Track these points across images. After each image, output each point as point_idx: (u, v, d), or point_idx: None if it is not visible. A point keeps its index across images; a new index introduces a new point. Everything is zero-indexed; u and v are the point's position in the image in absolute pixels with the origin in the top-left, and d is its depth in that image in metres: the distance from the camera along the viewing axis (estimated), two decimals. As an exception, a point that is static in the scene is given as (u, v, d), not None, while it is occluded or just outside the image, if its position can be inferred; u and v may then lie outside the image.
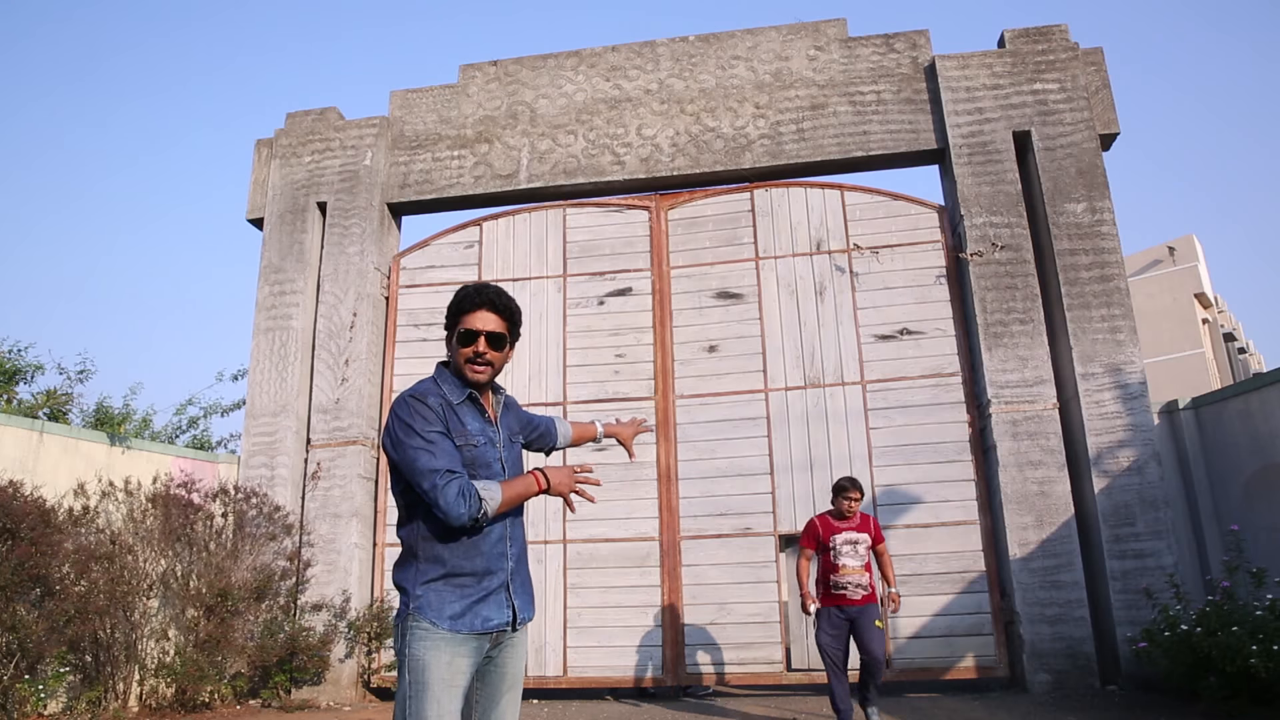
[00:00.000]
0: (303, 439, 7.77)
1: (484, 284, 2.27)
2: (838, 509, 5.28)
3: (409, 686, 2.04)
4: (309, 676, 6.91)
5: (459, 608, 2.08)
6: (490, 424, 2.27)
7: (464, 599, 2.09)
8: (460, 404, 2.21)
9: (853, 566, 5.14)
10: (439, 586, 2.09)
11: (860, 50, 8.11)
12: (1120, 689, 6.16)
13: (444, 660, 2.03)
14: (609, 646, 7.06)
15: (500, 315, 2.23)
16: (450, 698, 2.02)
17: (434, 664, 2.02)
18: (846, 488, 5.26)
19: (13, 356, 8.90)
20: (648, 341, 7.73)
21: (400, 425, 2.11)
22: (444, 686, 2.02)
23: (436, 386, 2.21)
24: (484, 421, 2.25)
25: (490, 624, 2.11)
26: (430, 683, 2.01)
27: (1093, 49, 7.78)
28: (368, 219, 8.21)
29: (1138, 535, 6.40)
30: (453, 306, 2.25)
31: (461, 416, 2.19)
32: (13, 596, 5.36)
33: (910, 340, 7.36)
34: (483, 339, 2.20)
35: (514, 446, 2.35)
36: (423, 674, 2.02)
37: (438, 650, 2.03)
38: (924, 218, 7.67)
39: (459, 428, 2.16)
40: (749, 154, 7.96)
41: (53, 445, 6.50)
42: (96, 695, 6.04)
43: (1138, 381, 6.70)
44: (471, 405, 2.24)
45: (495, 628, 2.12)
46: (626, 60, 8.47)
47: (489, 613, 2.11)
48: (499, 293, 2.25)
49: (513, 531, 2.22)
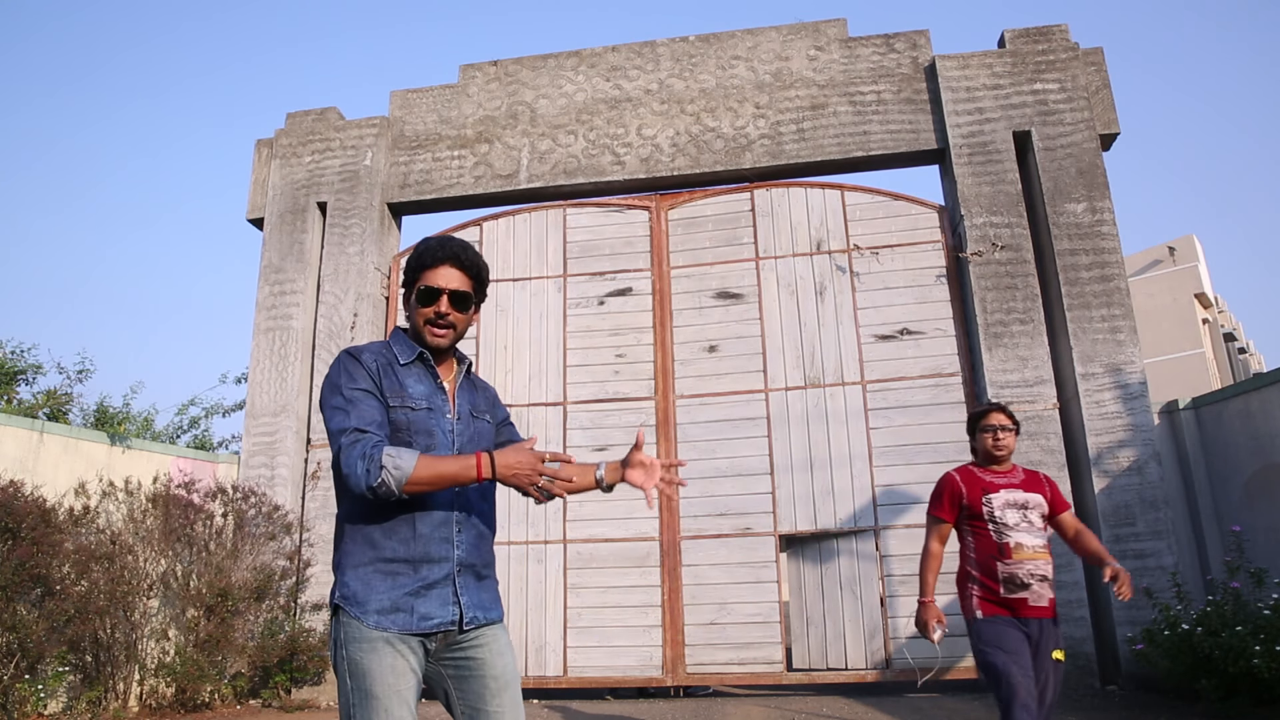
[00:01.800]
0: (303, 439, 7.77)
1: (448, 237, 2.02)
2: (984, 450, 3.37)
3: (351, 694, 1.78)
4: (309, 676, 6.91)
5: (387, 601, 1.80)
6: (440, 391, 1.98)
7: (395, 590, 1.81)
8: (408, 364, 1.97)
9: (1033, 547, 3.15)
10: (367, 573, 1.82)
11: (860, 50, 8.11)
12: (1120, 689, 6.16)
13: (386, 664, 1.77)
14: (609, 646, 7.06)
15: (465, 272, 1.99)
16: (399, 705, 1.76)
17: (375, 668, 1.76)
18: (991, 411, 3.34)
19: (14, 357, 8.90)
20: (648, 341, 7.73)
21: (327, 384, 1.90)
22: (390, 693, 1.75)
23: (385, 347, 1.99)
24: (434, 386, 1.98)
25: (428, 623, 1.82)
26: (372, 690, 1.75)
27: (1093, 49, 7.78)
28: (368, 219, 8.21)
29: (1138, 535, 6.40)
30: (412, 261, 2.00)
31: (403, 378, 1.94)
32: (13, 596, 5.37)
33: (910, 340, 7.36)
34: (445, 298, 1.96)
35: (476, 423, 2.03)
36: (363, 680, 1.76)
37: (378, 653, 1.77)
38: (924, 218, 7.67)
39: (395, 388, 1.90)
40: (749, 154, 7.96)
41: (53, 445, 6.50)
42: (96, 695, 6.04)
43: (1138, 381, 6.70)
44: (422, 366, 1.99)
45: (435, 628, 1.83)
46: (627, 60, 8.47)
47: (428, 609, 1.82)
48: (464, 246, 2.00)
49: (463, 514, 1.91)
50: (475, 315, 2.06)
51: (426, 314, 1.97)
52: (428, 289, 1.96)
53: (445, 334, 1.98)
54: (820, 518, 7.07)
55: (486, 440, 2.05)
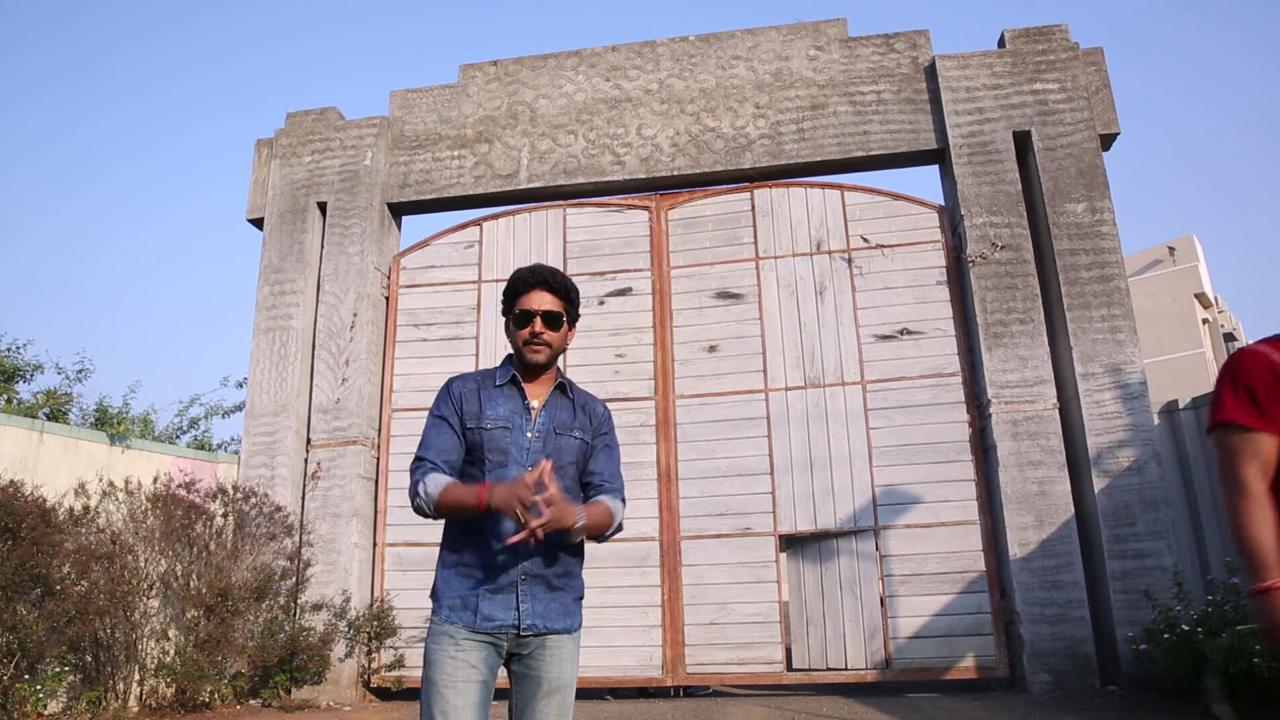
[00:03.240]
0: (303, 439, 7.77)
1: (539, 265, 2.23)
2: None
3: (423, 681, 2.02)
4: (309, 676, 6.91)
5: (458, 599, 2.03)
6: (526, 410, 2.16)
7: (468, 590, 2.04)
8: (501, 386, 2.17)
9: None
10: (449, 574, 2.08)
11: (860, 50, 8.11)
12: (1120, 689, 6.16)
13: (448, 655, 1.98)
14: (609, 646, 7.06)
15: (556, 294, 2.18)
16: (457, 695, 1.95)
17: (439, 660, 1.98)
18: None
19: (11, 355, 8.90)
20: (648, 341, 7.73)
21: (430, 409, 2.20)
22: (449, 683, 1.96)
23: (485, 373, 2.23)
24: (519, 406, 2.16)
25: (491, 624, 2.01)
26: (434, 678, 1.98)
27: (1093, 49, 7.78)
28: (368, 219, 8.21)
29: (1138, 535, 6.40)
30: (508, 290, 2.22)
31: (486, 400, 2.15)
32: (13, 596, 5.37)
33: (910, 340, 7.36)
34: (539, 319, 2.15)
35: (559, 439, 2.16)
36: (430, 669, 2.00)
37: (442, 645, 2.00)
38: (924, 218, 7.67)
39: (475, 410, 2.12)
40: (749, 154, 7.96)
41: (53, 445, 6.50)
42: (96, 695, 6.04)
43: (1138, 381, 6.70)
44: (513, 389, 2.18)
45: (496, 628, 2.02)
46: (627, 60, 8.47)
47: (491, 610, 2.02)
48: (554, 272, 2.20)
49: None
50: (570, 333, 2.27)
51: (523, 335, 2.17)
52: (523, 312, 2.17)
53: (541, 350, 2.16)
54: (820, 518, 7.07)
55: (568, 456, 2.17)
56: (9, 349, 8.93)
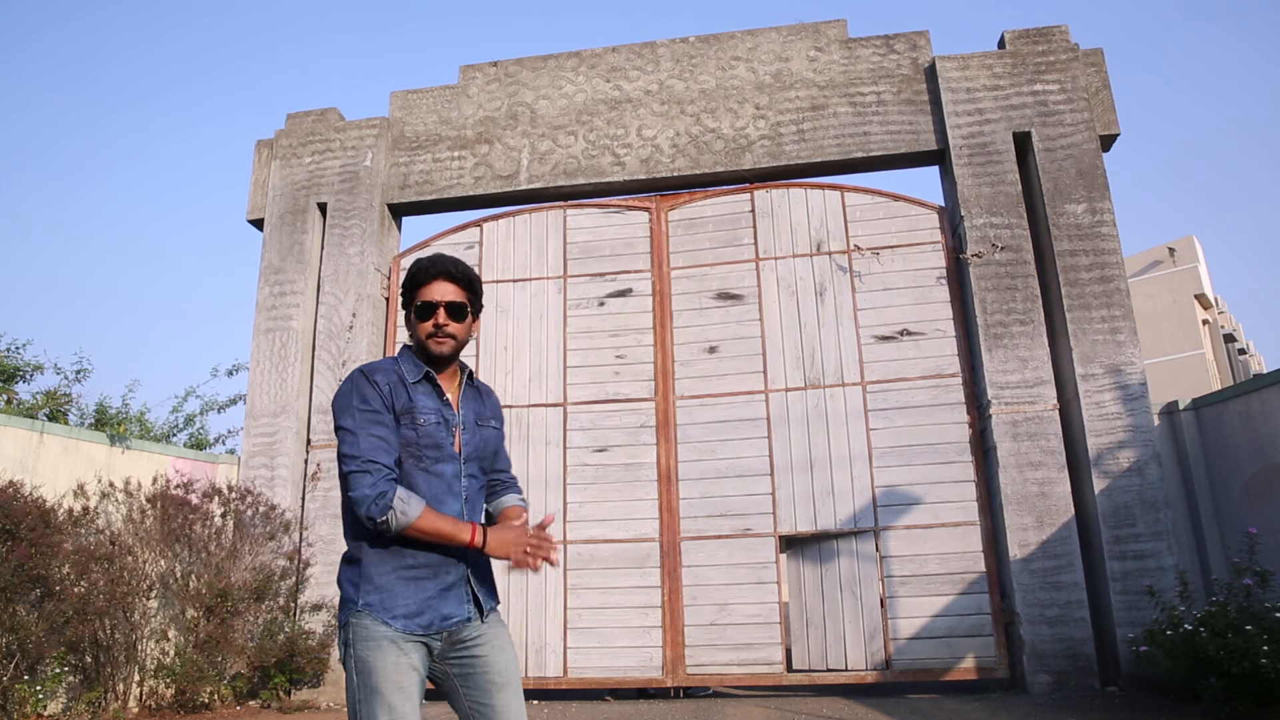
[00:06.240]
0: (303, 439, 7.77)
1: (438, 254, 2.16)
2: None
3: (357, 690, 1.92)
4: (309, 677, 6.91)
5: (413, 605, 1.95)
6: (447, 405, 2.12)
7: (419, 594, 1.96)
8: (415, 383, 2.09)
9: None
10: (390, 581, 1.96)
11: (860, 51, 8.11)
12: (1120, 690, 6.16)
13: (390, 661, 1.90)
14: (609, 647, 7.05)
15: (458, 284, 2.12)
16: (403, 700, 1.89)
17: (380, 666, 1.90)
18: None
19: (11, 355, 8.90)
20: (648, 342, 7.73)
21: (339, 402, 2.03)
22: (394, 689, 1.89)
23: (395, 365, 2.11)
24: (440, 402, 2.11)
25: (450, 621, 1.99)
26: (378, 686, 1.89)
27: (1093, 50, 7.78)
28: (368, 220, 8.21)
29: (1138, 536, 6.40)
30: (407, 281, 2.14)
31: (413, 394, 2.07)
32: (12, 597, 5.36)
33: (910, 341, 7.36)
34: (442, 310, 2.09)
35: (482, 430, 2.18)
36: (369, 677, 1.90)
37: (383, 651, 1.91)
38: (924, 218, 7.67)
39: (406, 404, 2.04)
40: (749, 155, 7.96)
41: (53, 445, 6.50)
42: (96, 696, 6.03)
43: (1138, 382, 6.70)
44: (428, 384, 2.12)
45: (456, 625, 2.01)
46: (627, 61, 8.47)
47: (449, 609, 1.99)
48: (455, 262, 2.14)
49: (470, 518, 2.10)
50: (475, 324, 2.20)
51: (426, 328, 2.10)
52: (424, 304, 2.10)
53: (446, 342, 2.10)
54: (820, 518, 7.07)
55: (491, 445, 2.19)
56: (9, 349, 8.93)
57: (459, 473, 2.09)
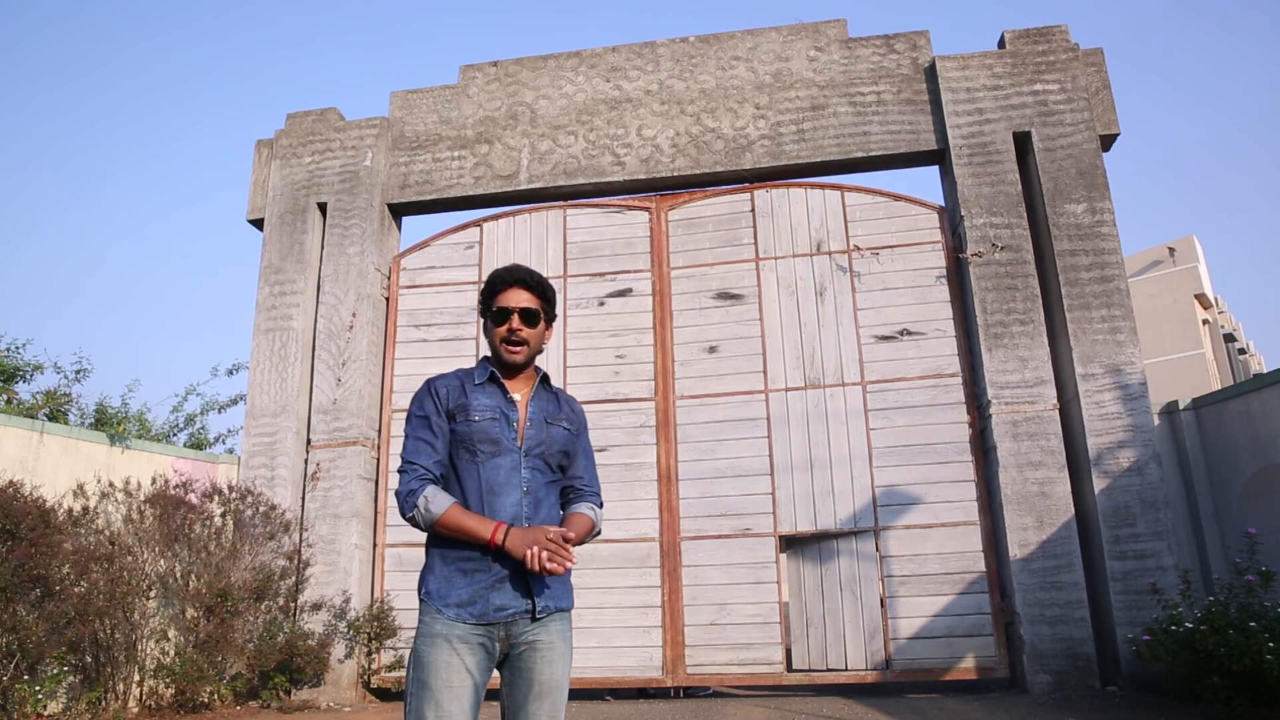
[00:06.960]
0: (303, 439, 7.76)
1: (514, 265, 2.27)
2: None
3: (410, 684, 2.01)
4: (309, 677, 6.91)
5: (466, 594, 2.02)
6: (511, 403, 2.20)
7: (473, 585, 2.03)
8: (481, 384, 2.20)
9: None
10: (449, 573, 2.06)
11: (860, 51, 8.11)
12: (1120, 690, 6.16)
13: (442, 660, 1.97)
14: (609, 647, 7.05)
15: (532, 292, 2.22)
16: (450, 699, 1.95)
17: (433, 663, 1.97)
18: None
19: (11, 355, 8.90)
20: (648, 342, 7.73)
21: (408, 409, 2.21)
22: (443, 688, 1.95)
23: (463, 371, 2.25)
24: (504, 400, 2.19)
25: (504, 613, 2.03)
26: (428, 682, 1.96)
27: (1093, 49, 7.78)
28: (368, 219, 8.21)
29: (1138, 536, 6.40)
30: (485, 290, 2.26)
31: (473, 396, 2.17)
32: (13, 597, 5.36)
33: (910, 341, 7.36)
34: (516, 316, 2.19)
35: (551, 429, 2.22)
36: (421, 672, 1.98)
37: (437, 649, 1.99)
38: (924, 218, 7.67)
39: (461, 404, 2.15)
40: (749, 154, 7.96)
41: (53, 445, 6.50)
42: (96, 696, 6.04)
43: (1138, 382, 6.70)
44: (493, 385, 2.22)
45: (509, 616, 2.04)
46: (627, 61, 8.47)
47: (501, 600, 2.03)
48: (530, 271, 2.25)
49: (532, 513, 2.12)
50: (546, 332, 2.29)
51: (501, 333, 2.20)
52: (500, 309, 2.20)
53: (520, 350, 2.21)
54: (820, 518, 7.07)
55: (558, 445, 2.23)
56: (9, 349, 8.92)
57: (518, 465, 2.14)
